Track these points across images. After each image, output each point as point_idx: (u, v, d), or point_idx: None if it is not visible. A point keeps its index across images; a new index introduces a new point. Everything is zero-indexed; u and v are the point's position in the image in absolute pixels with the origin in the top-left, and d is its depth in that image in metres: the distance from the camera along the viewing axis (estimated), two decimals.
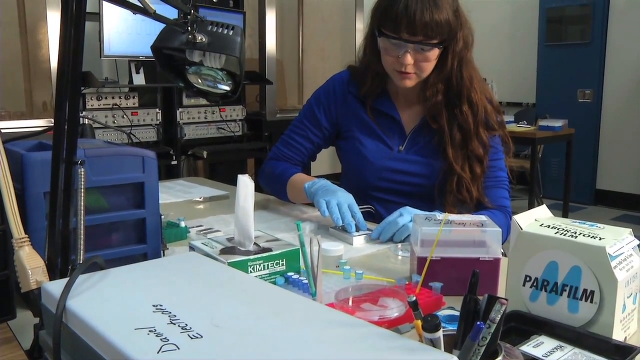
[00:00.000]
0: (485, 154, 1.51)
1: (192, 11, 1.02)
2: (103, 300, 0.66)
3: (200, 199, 1.78)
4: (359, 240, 1.31)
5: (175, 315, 0.60)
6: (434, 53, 1.44)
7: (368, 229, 1.37)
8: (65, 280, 0.67)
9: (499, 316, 0.54)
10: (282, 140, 1.70)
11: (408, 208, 1.33)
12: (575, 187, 5.23)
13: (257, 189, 1.34)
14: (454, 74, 1.49)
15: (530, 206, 4.43)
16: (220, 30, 1.03)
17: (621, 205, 5.44)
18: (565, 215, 4.65)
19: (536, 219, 0.89)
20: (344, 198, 1.40)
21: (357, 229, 1.34)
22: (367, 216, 1.55)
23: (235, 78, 1.11)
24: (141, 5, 0.95)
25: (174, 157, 3.88)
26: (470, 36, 1.50)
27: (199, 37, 1.02)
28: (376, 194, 1.57)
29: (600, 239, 0.81)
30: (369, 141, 1.58)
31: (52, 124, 0.81)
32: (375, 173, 1.56)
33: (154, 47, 1.08)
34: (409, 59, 1.42)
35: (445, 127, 1.51)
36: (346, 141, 1.63)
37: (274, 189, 1.69)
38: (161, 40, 1.06)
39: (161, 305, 0.63)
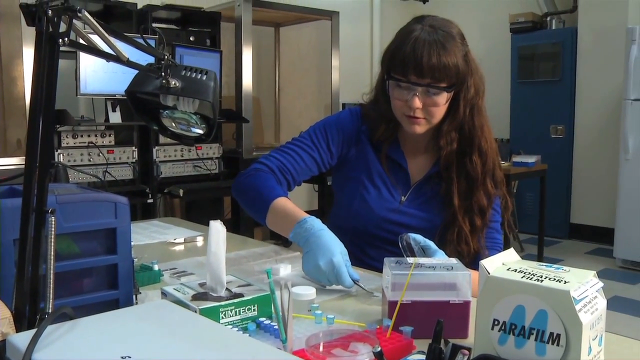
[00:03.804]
0: (488, 206, 1.49)
1: (166, 56, 1.04)
2: (71, 352, 0.66)
3: (175, 240, 1.78)
4: None
5: None
6: (443, 97, 1.42)
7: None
8: (32, 332, 0.66)
9: None
10: (281, 152, 1.58)
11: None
12: (550, 221, 5.30)
13: (231, 229, 1.33)
14: (466, 121, 1.47)
15: (506, 241, 4.46)
16: (193, 75, 1.05)
17: (595, 239, 5.51)
18: (540, 250, 4.69)
19: (503, 263, 0.91)
20: (340, 257, 1.27)
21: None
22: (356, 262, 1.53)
23: (209, 121, 1.13)
24: (114, 54, 0.97)
25: (149, 195, 3.86)
26: (482, 84, 1.49)
27: (173, 82, 1.03)
28: (370, 240, 1.55)
29: (565, 282, 0.83)
30: (374, 188, 1.55)
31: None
32: (375, 222, 1.53)
33: (128, 92, 1.09)
34: (418, 102, 1.41)
35: (454, 176, 1.50)
36: (350, 182, 1.59)
37: (249, 202, 1.52)
38: (135, 84, 1.08)
39: (129, 357, 0.63)
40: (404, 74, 1.40)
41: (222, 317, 0.95)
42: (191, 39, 4.26)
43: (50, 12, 0.77)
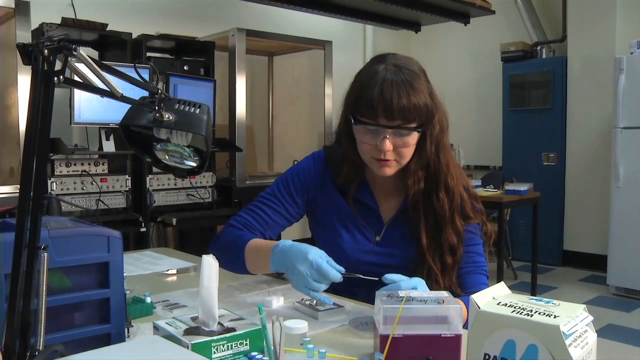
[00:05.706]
0: (459, 244, 1.45)
1: (160, 90, 1.05)
2: None
3: (168, 272, 1.77)
4: (324, 315, 1.31)
5: None
6: (413, 137, 1.39)
7: (334, 304, 1.36)
8: None
9: None
10: (247, 210, 1.59)
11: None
12: (543, 248, 5.31)
13: None
14: (432, 159, 1.45)
15: (500, 269, 4.47)
16: (187, 108, 1.06)
17: (588, 266, 5.52)
18: (534, 277, 4.68)
19: (494, 297, 0.91)
20: (315, 254, 1.28)
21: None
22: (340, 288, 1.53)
23: (202, 154, 1.14)
24: (108, 90, 0.98)
25: (142, 224, 3.85)
26: (445, 120, 1.46)
27: (166, 116, 1.04)
28: (352, 281, 1.48)
29: (555, 317, 0.84)
30: (347, 233, 1.53)
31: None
32: (352, 265, 1.48)
33: (121, 125, 1.10)
34: (388, 145, 1.37)
35: (422, 215, 1.47)
36: (323, 228, 1.58)
37: (226, 258, 1.48)
38: (129, 117, 1.09)
39: None
40: (373, 117, 1.37)
41: (214, 352, 0.95)
42: (185, 68, 4.29)
43: (46, 51, 0.78)
